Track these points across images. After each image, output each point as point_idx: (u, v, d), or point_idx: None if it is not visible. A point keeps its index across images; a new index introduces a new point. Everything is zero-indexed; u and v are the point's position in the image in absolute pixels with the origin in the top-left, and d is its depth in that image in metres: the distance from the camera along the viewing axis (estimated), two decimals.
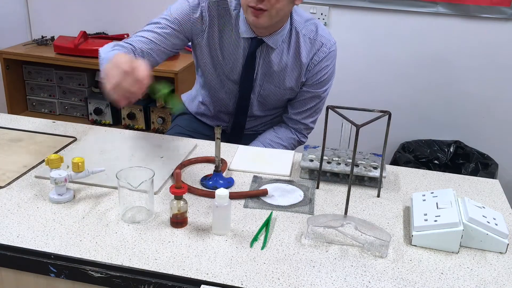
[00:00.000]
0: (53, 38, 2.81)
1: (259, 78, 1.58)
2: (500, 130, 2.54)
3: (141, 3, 2.73)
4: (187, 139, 1.51)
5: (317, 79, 1.57)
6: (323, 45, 1.54)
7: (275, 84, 1.58)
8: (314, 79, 1.57)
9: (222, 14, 1.50)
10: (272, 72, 1.56)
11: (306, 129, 1.69)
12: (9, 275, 1.01)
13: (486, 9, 2.33)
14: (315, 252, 1.00)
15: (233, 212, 1.11)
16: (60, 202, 1.12)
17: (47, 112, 2.84)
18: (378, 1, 2.42)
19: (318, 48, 1.54)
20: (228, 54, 1.54)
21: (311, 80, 1.58)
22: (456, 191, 1.26)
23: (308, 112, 1.65)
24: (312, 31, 1.54)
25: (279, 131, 1.68)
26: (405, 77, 2.54)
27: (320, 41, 1.54)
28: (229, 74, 1.58)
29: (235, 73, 1.58)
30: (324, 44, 1.54)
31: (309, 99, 1.62)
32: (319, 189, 1.26)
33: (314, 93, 1.60)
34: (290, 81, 1.57)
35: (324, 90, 1.61)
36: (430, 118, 2.59)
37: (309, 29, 1.54)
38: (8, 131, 1.48)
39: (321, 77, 1.57)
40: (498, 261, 1.01)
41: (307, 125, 1.68)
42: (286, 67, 1.55)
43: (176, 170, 1.07)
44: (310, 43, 1.54)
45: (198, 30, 1.51)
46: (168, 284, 0.92)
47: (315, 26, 1.55)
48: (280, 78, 1.57)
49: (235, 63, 1.55)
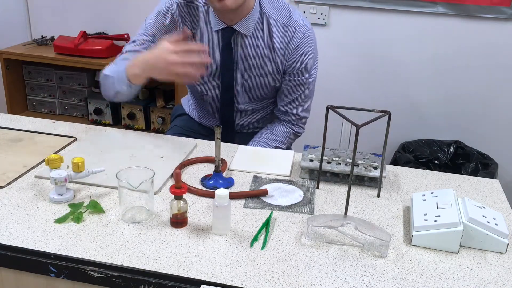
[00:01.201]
0: (53, 38, 2.81)
1: (240, 68, 1.57)
2: (500, 130, 2.54)
3: (141, 3, 2.72)
4: (187, 139, 1.51)
5: (298, 66, 1.55)
6: (297, 31, 1.51)
7: (256, 72, 1.57)
8: (294, 66, 1.55)
9: (192, 13, 1.52)
10: (250, 60, 1.55)
11: (299, 119, 1.68)
12: (9, 275, 1.01)
13: (486, 9, 2.33)
14: (315, 252, 1.00)
15: (233, 212, 1.11)
16: (60, 202, 1.12)
17: (47, 112, 2.84)
18: (378, 1, 2.42)
19: (292, 34, 1.51)
20: None
21: (292, 68, 1.56)
22: (456, 191, 1.26)
23: (296, 102, 1.63)
24: (285, 16, 1.51)
25: (272, 128, 1.67)
26: (405, 77, 2.54)
27: (293, 26, 1.51)
28: (209, 71, 1.58)
29: (214, 68, 1.57)
30: (297, 30, 1.51)
31: (294, 88, 1.60)
32: (319, 189, 1.26)
33: (297, 81, 1.58)
34: (269, 68, 1.56)
35: (307, 77, 1.59)
36: (430, 118, 2.59)
37: (282, 14, 1.52)
38: (8, 131, 1.48)
39: (301, 64, 1.55)
40: (498, 261, 1.01)
41: (298, 115, 1.66)
42: (264, 54, 1.54)
43: (176, 170, 1.07)
44: (284, 29, 1.51)
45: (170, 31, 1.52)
46: (168, 284, 0.92)
47: (288, 11, 1.52)
48: (259, 66, 1.56)
49: (212, 58, 1.55)
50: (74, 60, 2.55)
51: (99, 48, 2.55)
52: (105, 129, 1.55)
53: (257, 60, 1.55)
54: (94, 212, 1.09)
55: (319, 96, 2.54)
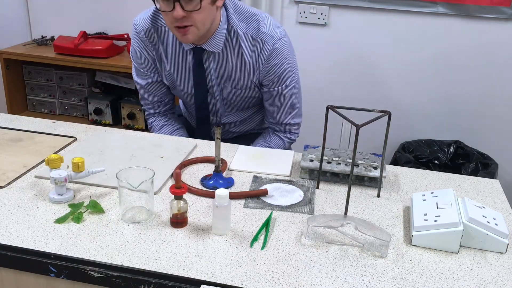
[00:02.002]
0: (53, 38, 2.81)
1: (215, 82, 1.56)
2: (500, 130, 2.54)
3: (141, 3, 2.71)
4: (187, 139, 1.51)
5: (273, 78, 1.52)
6: (265, 43, 1.46)
7: (232, 85, 1.56)
8: (269, 78, 1.52)
9: (161, 35, 1.52)
10: (223, 75, 1.54)
11: (290, 126, 1.66)
12: (9, 275, 1.01)
13: (486, 9, 2.33)
14: (315, 252, 1.00)
15: (233, 212, 1.11)
16: (60, 202, 1.12)
17: (47, 112, 2.84)
18: (378, 1, 2.42)
19: (261, 46, 1.47)
20: (181, 69, 1.55)
21: (267, 80, 1.53)
22: (456, 191, 1.26)
23: (282, 111, 1.61)
24: (254, 29, 1.47)
25: (267, 137, 1.67)
26: (405, 77, 2.54)
27: (261, 38, 1.46)
28: (185, 87, 1.59)
29: (190, 85, 1.59)
30: (266, 42, 1.46)
31: (274, 98, 1.58)
32: (319, 189, 1.26)
33: (276, 91, 1.55)
34: (244, 81, 1.54)
35: (285, 87, 1.55)
36: (430, 118, 2.59)
37: (251, 26, 1.47)
38: (8, 131, 1.48)
39: (275, 75, 1.51)
40: (498, 261, 1.01)
41: (289, 123, 1.64)
42: (236, 68, 1.51)
43: (176, 170, 1.07)
44: (253, 41, 1.47)
45: (152, 60, 1.57)
46: (168, 284, 0.92)
47: (257, 23, 1.47)
48: (234, 79, 1.54)
49: (187, 75, 1.56)
50: (74, 60, 2.55)
51: (99, 48, 2.55)
52: (105, 129, 1.55)
53: (230, 75, 1.53)
54: (94, 212, 1.09)
55: (319, 96, 2.56)
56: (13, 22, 2.85)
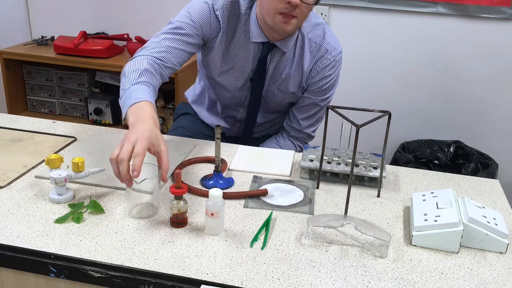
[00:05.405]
0: (53, 38, 2.81)
1: (266, 80, 1.54)
2: (500, 130, 2.54)
3: (141, 3, 2.73)
4: (187, 139, 1.51)
5: (319, 86, 1.53)
6: (328, 52, 1.49)
7: (279, 87, 1.55)
8: (316, 86, 1.53)
9: (234, 17, 1.46)
10: (278, 75, 1.53)
11: (308, 137, 1.67)
12: (9, 275, 1.01)
13: (486, 9, 2.33)
14: (315, 252, 1.00)
15: (233, 212, 1.11)
16: (60, 202, 1.12)
17: (47, 112, 2.84)
18: (378, 1, 2.42)
19: (322, 54, 1.49)
20: (238, 59, 1.51)
21: (313, 87, 1.54)
22: (456, 191, 1.26)
23: (310, 121, 1.61)
24: (319, 36, 1.49)
25: (280, 140, 1.65)
26: (405, 77, 2.54)
27: (325, 47, 1.49)
28: (239, 78, 1.54)
29: (244, 78, 1.54)
30: (329, 51, 1.49)
31: (309, 106, 1.58)
32: (319, 189, 1.26)
33: (313, 99, 1.56)
34: (293, 86, 1.54)
35: (324, 99, 1.57)
36: (430, 118, 2.59)
37: (316, 33, 1.49)
38: (8, 131, 1.48)
39: (323, 85, 1.53)
40: (498, 261, 1.01)
41: (309, 134, 1.65)
42: (292, 71, 1.51)
43: (176, 170, 1.07)
44: (315, 48, 1.49)
45: (214, 33, 1.47)
46: (168, 284, 0.92)
47: (323, 31, 1.50)
48: (284, 82, 1.53)
49: (244, 67, 1.52)
50: (74, 60, 2.55)
51: (99, 48, 2.55)
52: (105, 129, 1.55)
53: (285, 76, 1.52)
54: (94, 212, 1.09)
55: None
56: (13, 22, 2.86)
